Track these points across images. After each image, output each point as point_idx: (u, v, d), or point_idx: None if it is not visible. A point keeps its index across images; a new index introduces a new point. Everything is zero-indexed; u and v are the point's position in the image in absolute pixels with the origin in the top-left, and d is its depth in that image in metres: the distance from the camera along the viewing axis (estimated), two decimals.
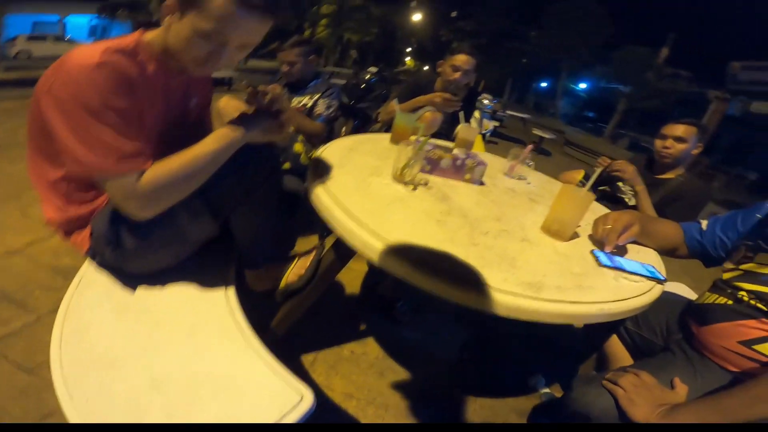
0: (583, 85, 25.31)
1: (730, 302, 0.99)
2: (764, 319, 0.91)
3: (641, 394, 0.85)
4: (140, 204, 0.76)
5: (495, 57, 19.44)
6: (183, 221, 0.88)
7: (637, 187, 1.80)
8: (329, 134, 2.02)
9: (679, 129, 1.82)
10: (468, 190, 1.24)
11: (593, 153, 9.55)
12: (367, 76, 7.44)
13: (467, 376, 1.63)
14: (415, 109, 1.84)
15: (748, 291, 0.96)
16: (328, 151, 1.28)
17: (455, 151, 1.36)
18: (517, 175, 1.59)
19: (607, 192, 2.02)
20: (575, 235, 1.08)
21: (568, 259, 0.94)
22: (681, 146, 1.81)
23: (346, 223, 0.84)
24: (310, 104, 2.00)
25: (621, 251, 1.07)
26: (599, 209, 1.47)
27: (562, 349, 1.89)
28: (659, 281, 0.93)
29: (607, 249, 1.02)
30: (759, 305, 0.93)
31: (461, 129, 1.68)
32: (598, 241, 1.07)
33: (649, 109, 15.34)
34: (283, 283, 1.12)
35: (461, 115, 1.80)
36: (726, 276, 1.06)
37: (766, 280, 0.95)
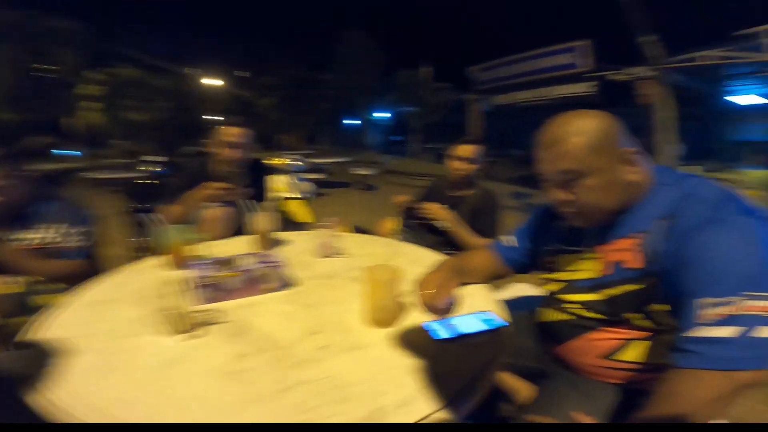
0: (381, 115, 28.55)
1: (566, 317, 0.96)
2: (603, 328, 0.89)
3: None
4: None
5: (301, 108, 20.22)
6: None
7: (448, 225, 1.87)
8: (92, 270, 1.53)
9: (467, 150, 1.95)
10: (272, 305, 1.03)
11: (410, 175, 10.73)
12: (150, 168, 5.89)
13: None
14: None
15: (573, 302, 0.94)
16: (62, 319, 0.91)
17: (241, 261, 1.13)
18: (332, 251, 1.45)
19: (425, 225, 2.07)
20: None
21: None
22: (471, 166, 1.95)
23: None
24: (49, 238, 1.47)
25: (451, 306, 1.01)
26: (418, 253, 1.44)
27: None
28: (502, 327, 0.91)
29: (438, 316, 0.94)
30: (590, 314, 0.90)
31: (254, 222, 1.47)
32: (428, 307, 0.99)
33: (436, 122, 18.28)
34: None
35: (244, 204, 1.58)
36: (551, 288, 1.03)
37: (581, 286, 0.92)
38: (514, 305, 1.11)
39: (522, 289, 1.58)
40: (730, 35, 8.75)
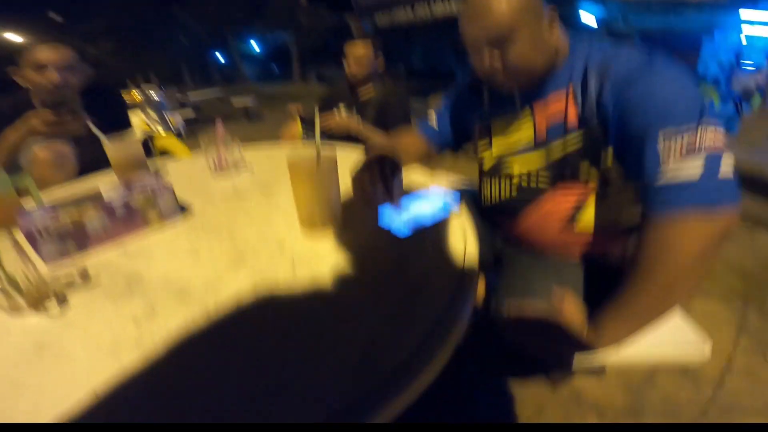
0: (255, 45, 25.69)
1: (515, 192, 0.91)
2: (555, 191, 0.84)
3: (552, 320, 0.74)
4: None
5: (150, 50, 16.87)
6: None
7: (358, 133, 1.74)
8: None
9: (358, 49, 1.82)
10: (162, 243, 0.75)
11: (294, 99, 9.96)
12: None
13: None
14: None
15: (517, 174, 0.89)
16: None
17: (106, 192, 0.81)
18: (230, 165, 1.18)
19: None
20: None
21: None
22: (367, 64, 1.83)
23: None
24: None
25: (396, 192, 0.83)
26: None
27: None
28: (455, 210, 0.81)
29: (388, 202, 0.76)
30: (539, 181, 0.85)
31: (107, 149, 1.08)
32: (371, 203, 0.79)
33: (316, 47, 16.95)
34: None
35: (92, 128, 1.16)
36: (490, 162, 0.96)
37: (521, 151, 0.88)
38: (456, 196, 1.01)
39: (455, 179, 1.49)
40: None
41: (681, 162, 0.61)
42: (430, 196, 0.87)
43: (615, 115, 0.70)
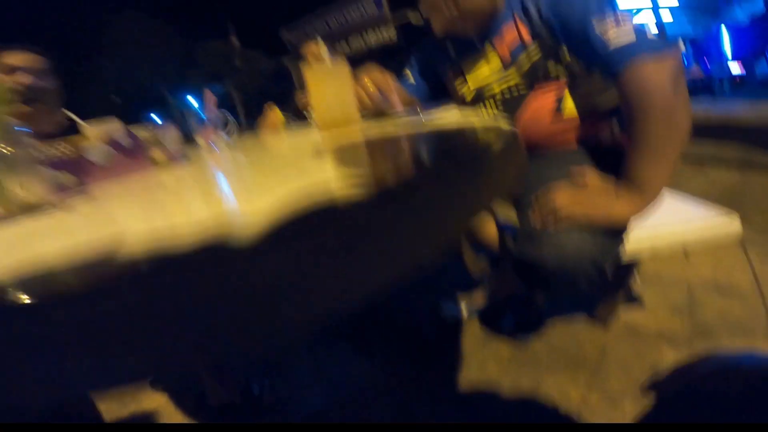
0: (193, 102, 25.38)
1: (501, 108, 0.99)
2: (538, 89, 0.93)
3: (582, 196, 0.78)
4: None
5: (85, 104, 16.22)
6: None
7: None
8: None
9: (311, 47, 1.84)
10: (180, 178, 0.67)
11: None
12: None
13: None
14: None
15: (500, 91, 0.98)
16: None
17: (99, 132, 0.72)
18: (218, 139, 1.11)
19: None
20: None
21: None
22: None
23: None
24: None
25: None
26: None
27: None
28: None
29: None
30: (520, 90, 0.95)
31: (87, 132, 0.98)
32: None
33: (257, 91, 16.95)
34: None
35: (69, 114, 1.06)
36: (469, 94, 1.05)
37: (495, 80, 0.98)
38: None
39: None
40: None
41: (617, 30, 0.74)
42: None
43: (556, 22, 0.85)
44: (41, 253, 0.27)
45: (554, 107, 0.93)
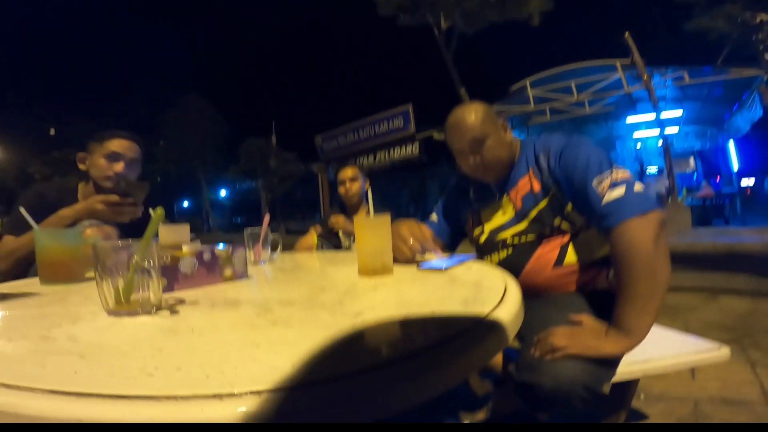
0: (223, 193, 26.94)
1: (508, 252, 1.13)
2: (542, 243, 1.07)
3: (577, 337, 0.87)
4: None
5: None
6: None
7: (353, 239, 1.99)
8: None
9: (348, 172, 2.18)
10: (242, 289, 0.82)
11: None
12: None
13: None
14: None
15: (510, 236, 1.14)
16: None
17: (188, 247, 0.90)
18: (266, 257, 1.27)
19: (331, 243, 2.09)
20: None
21: (427, 283, 0.75)
22: (357, 184, 2.14)
23: None
24: None
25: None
26: None
27: None
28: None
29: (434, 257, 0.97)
30: (526, 239, 1.10)
31: (163, 232, 1.18)
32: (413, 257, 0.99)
33: (284, 193, 17.93)
34: None
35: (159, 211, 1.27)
36: (482, 238, 1.21)
37: (507, 225, 1.15)
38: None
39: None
40: (509, 89, 11.56)
41: (610, 191, 0.92)
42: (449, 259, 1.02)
43: (561, 174, 1.03)
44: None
45: (556, 258, 1.07)
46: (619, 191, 0.91)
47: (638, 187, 0.92)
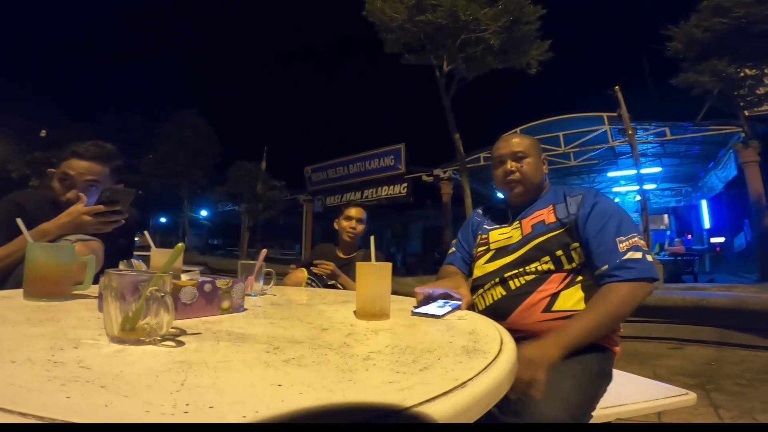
0: (204, 213, 26.44)
1: (505, 292, 1.18)
2: (537, 288, 1.14)
3: (533, 364, 0.90)
4: None
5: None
6: None
7: (339, 279, 2.02)
8: None
9: (360, 211, 2.19)
10: (240, 322, 0.81)
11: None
12: None
13: None
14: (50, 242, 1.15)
15: (506, 266, 1.21)
16: None
17: (186, 276, 0.89)
18: (258, 290, 1.25)
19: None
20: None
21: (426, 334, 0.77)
22: (361, 226, 2.16)
23: None
24: None
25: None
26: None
27: None
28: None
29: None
30: (526, 277, 1.17)
31: (158, 254, 1.17)
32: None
33: (267, 220, 17.65)
34: None
35: (147, 236, 1.26)
36: (484, 263, 1.29)
37: (510, 248, 1.23)
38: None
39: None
40: (499, 137, 11.83)
41: (632, 252, 1.06)
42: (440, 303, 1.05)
43: (588, 222, 1.15)
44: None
45: (546, 304, 1.12)
46: (638, 255, 1.05)
47: (650, 257, 1.06)
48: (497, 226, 1.33)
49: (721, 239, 17.10)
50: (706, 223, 16.30)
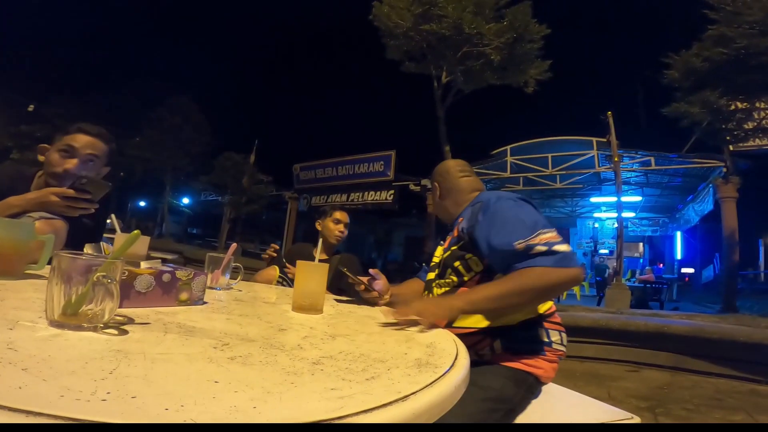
0: (186, 200, 25.93)
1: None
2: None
3: (429, 306, 0.95)
4: None
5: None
6: None
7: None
8: None
9: (346, 216, 2.14)
10: (198, 315, 0.79)
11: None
12: None
13: None
14: (12, 218, 1.10)
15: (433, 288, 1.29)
16: None
17: (146, 264, 0.86)
18: (223, 284, 1.23)
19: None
20: None
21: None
22: (345, 231, 2.14)
23: None
24: None
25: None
26: None
27: None
28: None
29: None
30: (441, 291, 1.24)
31: (120, 239, 1.13)
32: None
33: (249, 214, 17.44)
34: None
35: (114, 219, 1.23)
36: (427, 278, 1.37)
37: (437, 262, 1.31)
38: None
39: None
40: (489, 153, 12.00)
41: (534, 248, 0.98)
42: None
43: (477, 231, 1.12)
44: None
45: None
46: (543, 248, 0.98)
47: (561, 247, 0.98)
48: (441, 241, 1.38)
49: (691, 270, 17.63)
50: (679, 254, 16.83)
